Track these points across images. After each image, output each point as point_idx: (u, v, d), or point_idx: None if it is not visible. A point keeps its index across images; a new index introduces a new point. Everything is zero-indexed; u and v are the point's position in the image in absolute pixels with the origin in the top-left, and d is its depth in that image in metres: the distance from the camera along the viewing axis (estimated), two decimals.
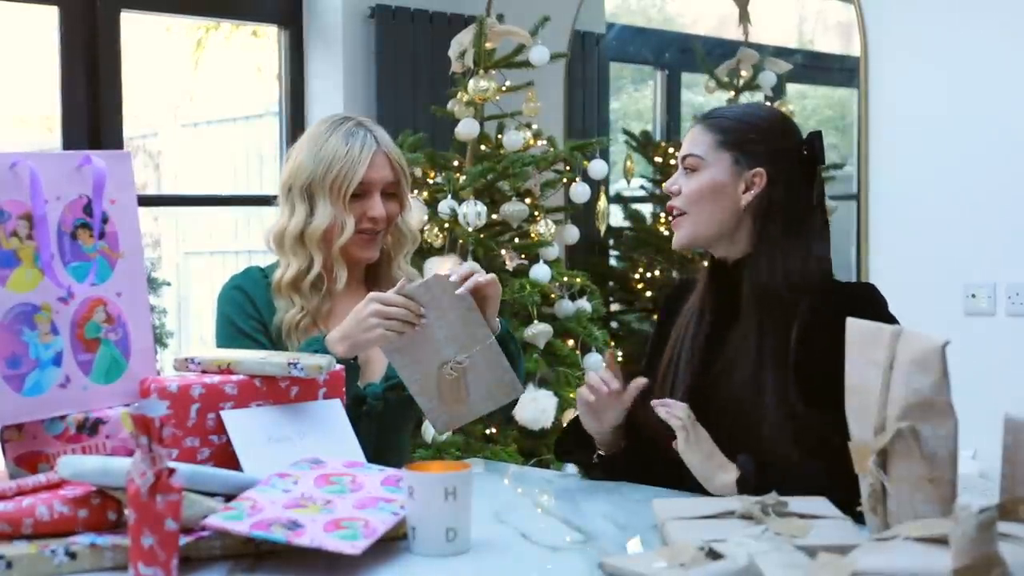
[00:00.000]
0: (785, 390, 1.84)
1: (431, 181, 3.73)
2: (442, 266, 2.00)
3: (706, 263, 2.05)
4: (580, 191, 3.87)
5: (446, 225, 3.61)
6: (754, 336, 1.90)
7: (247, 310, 2.17)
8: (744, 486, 1.79)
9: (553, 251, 3.76)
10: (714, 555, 1.37)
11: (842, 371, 1.56)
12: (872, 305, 1.86)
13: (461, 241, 3.61)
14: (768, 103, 4.59)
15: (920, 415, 1.42)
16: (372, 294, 1.99)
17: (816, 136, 1.97)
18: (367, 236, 2.18)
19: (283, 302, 2.17)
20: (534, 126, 3.83)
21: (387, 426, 2.15)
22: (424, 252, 3.41)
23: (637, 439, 2.00)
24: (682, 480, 1.89)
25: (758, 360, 1.88)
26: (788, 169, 1.95)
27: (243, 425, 1.74)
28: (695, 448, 1.83)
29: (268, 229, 2.23)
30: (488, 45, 3.72)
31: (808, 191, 1.96)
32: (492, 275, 2.00)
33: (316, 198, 2.16)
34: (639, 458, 2.00)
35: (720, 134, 1.96)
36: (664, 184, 2.00)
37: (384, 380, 2.15)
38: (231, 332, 2.16)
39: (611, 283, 4.68)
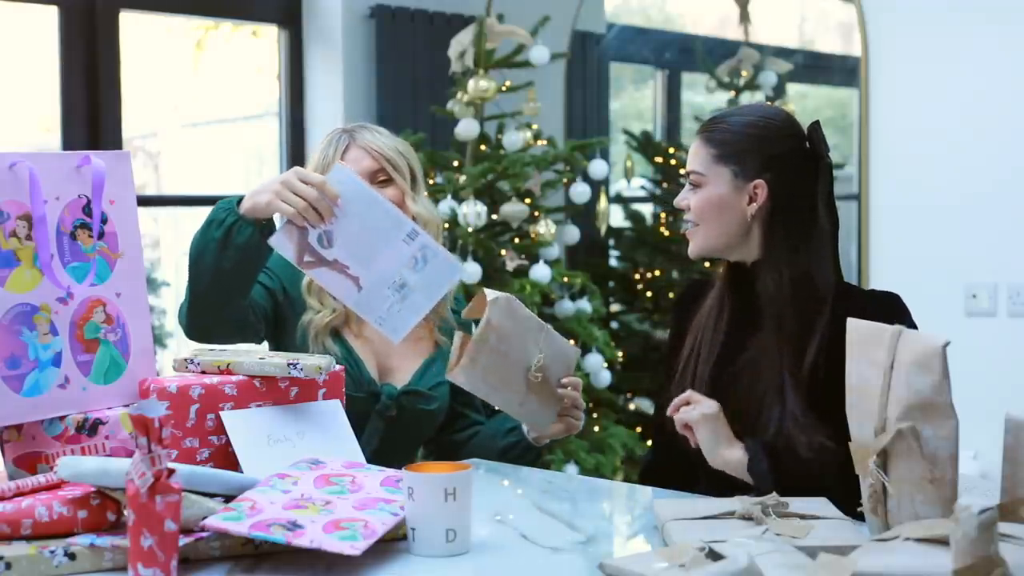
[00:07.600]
0: (798, 398, 1.84)
1: (431, 181, 3.73)
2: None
3: (720, 268, 2.04)
4: (580, 191, 3.87)
5: (446, 225, 3.61)
6: (774, 343, 1.90)
7: (272, 266, 2.16)
8: (755, 464, 1.81)
9: (553, 251, 3.76)
10: (714, 556, 1.36)
11: None
12: (899, 316, 1.81)
13: (461, 241, 3.61)
14: (769, 102, 4.59)
15: (921, 416, 1.42)
16: (296, 168, 1.90)
17: (813, 128, 1.93)
18: None
19: (313, 301, 2.18)
20: (534, 126, 3.83)
21: (396, 432, 2.15)
22: None
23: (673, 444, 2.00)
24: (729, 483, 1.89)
25: (779, 367, 1.88)
26: (789, 173, 1.91)
27: (243, 426, 1.74)
28: (709, 425, 1.86)
29: None
30: (488, 45, 3.72)
31: (813, 190, 1.92)
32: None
33: None
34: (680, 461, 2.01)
35: (717, 147, 1.93)
36: (674, 201, 2.02)
37: (405, 387, 2.16)
38: None
39: (611, 283, 4.68)
